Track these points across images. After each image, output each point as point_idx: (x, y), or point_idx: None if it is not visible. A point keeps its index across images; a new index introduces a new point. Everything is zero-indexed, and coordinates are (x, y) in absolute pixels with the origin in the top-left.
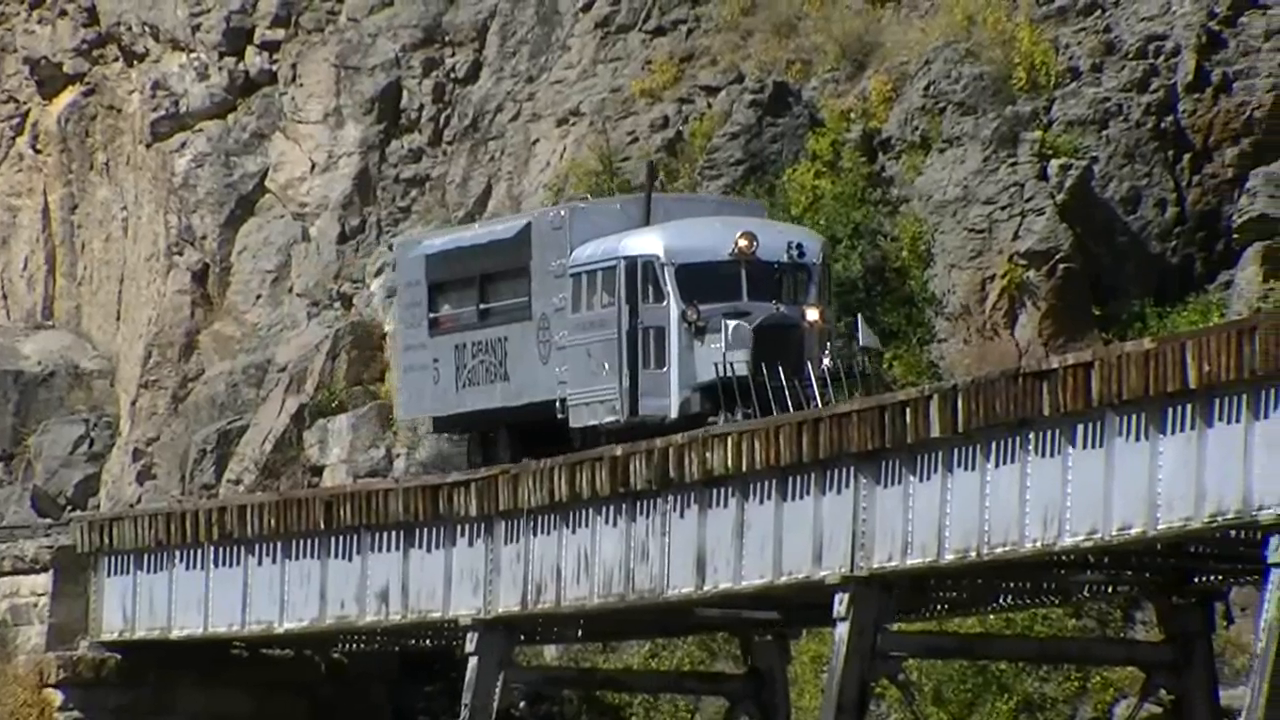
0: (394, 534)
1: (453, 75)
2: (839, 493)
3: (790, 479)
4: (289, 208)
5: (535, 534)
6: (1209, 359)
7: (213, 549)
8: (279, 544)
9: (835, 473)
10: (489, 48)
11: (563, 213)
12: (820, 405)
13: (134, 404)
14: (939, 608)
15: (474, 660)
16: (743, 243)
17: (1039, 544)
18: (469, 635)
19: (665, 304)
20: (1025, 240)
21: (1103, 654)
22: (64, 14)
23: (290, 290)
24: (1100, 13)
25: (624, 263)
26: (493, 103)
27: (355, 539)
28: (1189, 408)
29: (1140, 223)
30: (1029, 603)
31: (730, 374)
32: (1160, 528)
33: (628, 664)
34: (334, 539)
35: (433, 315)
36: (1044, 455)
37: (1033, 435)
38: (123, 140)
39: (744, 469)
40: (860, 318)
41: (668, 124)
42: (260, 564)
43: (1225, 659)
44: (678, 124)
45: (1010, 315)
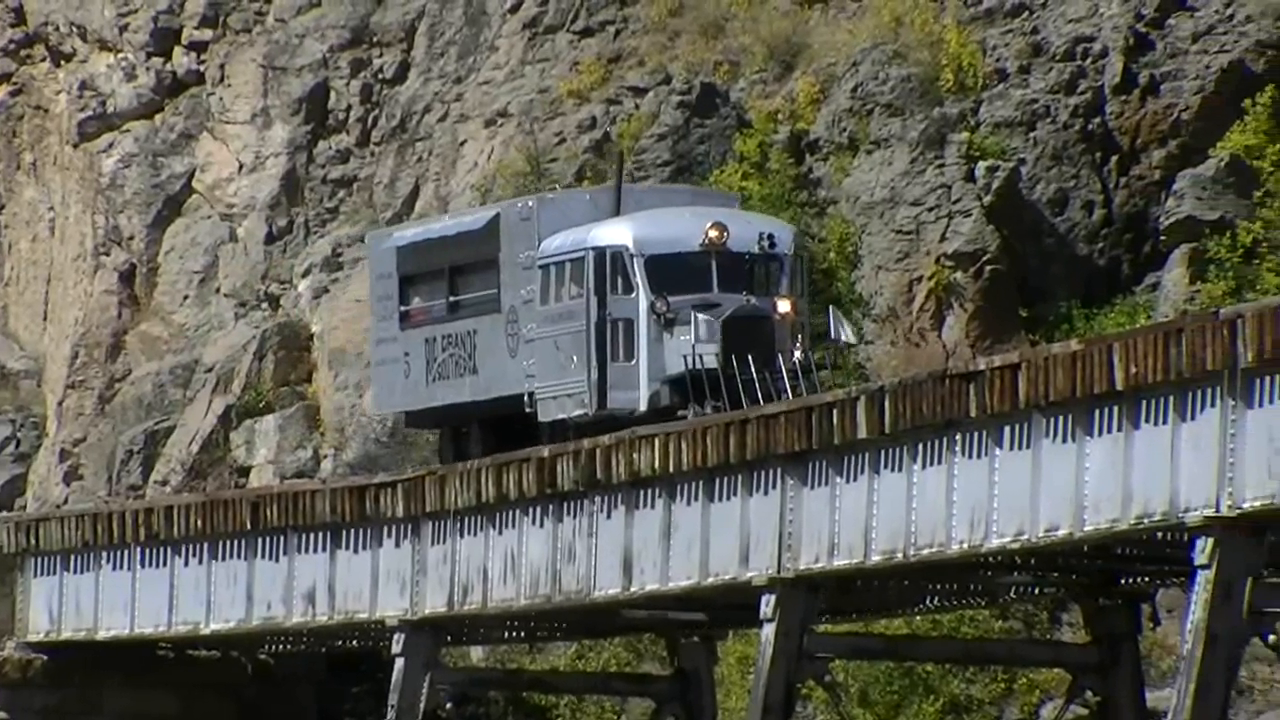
0: (321, 535)
1: (380, 76)
2: (766, 494)
3: (717, 480)
4: (216, 208)
5: (462, 535)
6: (1136, 361)
7: (139, 550)
8: (205, 545)
9: (762, 474)
10: (417, 49)
11: (531, 203)
12: (791, 397)
13: (61, 404)
14: (865, 609)
15: (400, 661)
16: (713, 233)
17: (966, 545)
18: (395, 636)
19: (634, 295)
20: (952, 242)
21: (1029, 655)
22: None
23: (217, 291)
24: (1028, 15)
25: (592, 254)
26: (420, 103)
27: (282, 540)
28: (1116, 409)
29: (1067, 224)
30: (955, 604)
31: (700, 366)
32: (1087, 529)
33: (554, 665)
34: (261, 540)
35: (404, 308)
36: (971, 457)
37: (960, 437)
38: (50, 140)
39: (671, 470)
40: (833, 310)
41: (595, 125)
42: (187, 565)
43: (1151, 661)
44: (605, 125)
45: (937, 317)
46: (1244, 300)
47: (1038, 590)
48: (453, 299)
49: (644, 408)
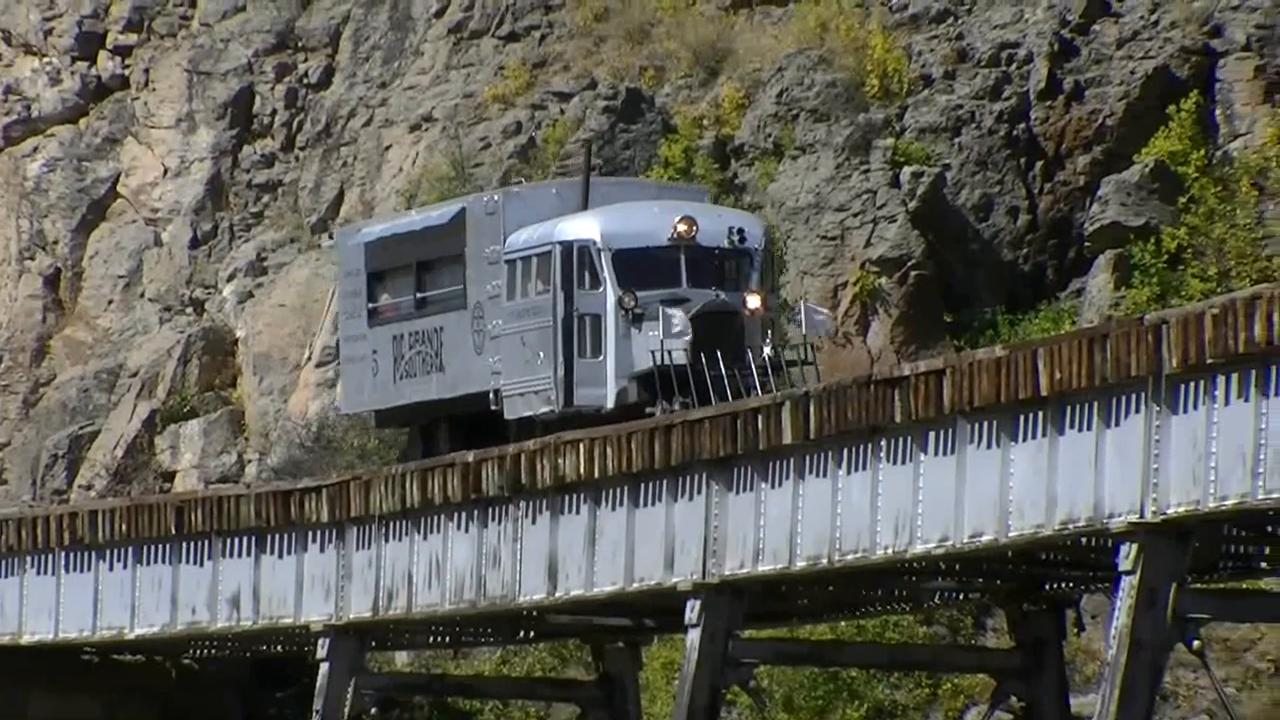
0: (246, 540)
1: (305, 81)
2: (691, 499)
3: (642, 485)
4: (141, 213)
5: (387, 540)
6: (1060, 367)
7: (64, 554)
8: (130, 549)
9: (687, 479)
10: (342, 53)
11: (496, 197)
12: (761, 394)
13: None
14: (790, 614)
15: (325, 666)
16: (682, 227)
17: (891, 551)
18: (320, 641)
19: (602, 290)
20: (877, 247)
21: (954, 661)
22: None
23: (142, 295)
24: (953, 20)
25: (559, 248)
26: (345, 108)
27: (207, 545)
28: (1040, 415)
29: (992, 230)
30: (880, 610)
31: (668, 362)
32: (1011, 535)
33: (479, 670)
34: (186, 545)
35: (371, 305)
36: (896, 462)
37: (885, 442)
38: None
39: (596, 475)
40: (804, 302)
41: (520, 130)
42: (112, 569)
43: (1076, 666)
44: (530, 130)
45: (863, 322)
46: (1169, 306)
47: (963, 595)
48: (420, 295)
49: (611, 404)
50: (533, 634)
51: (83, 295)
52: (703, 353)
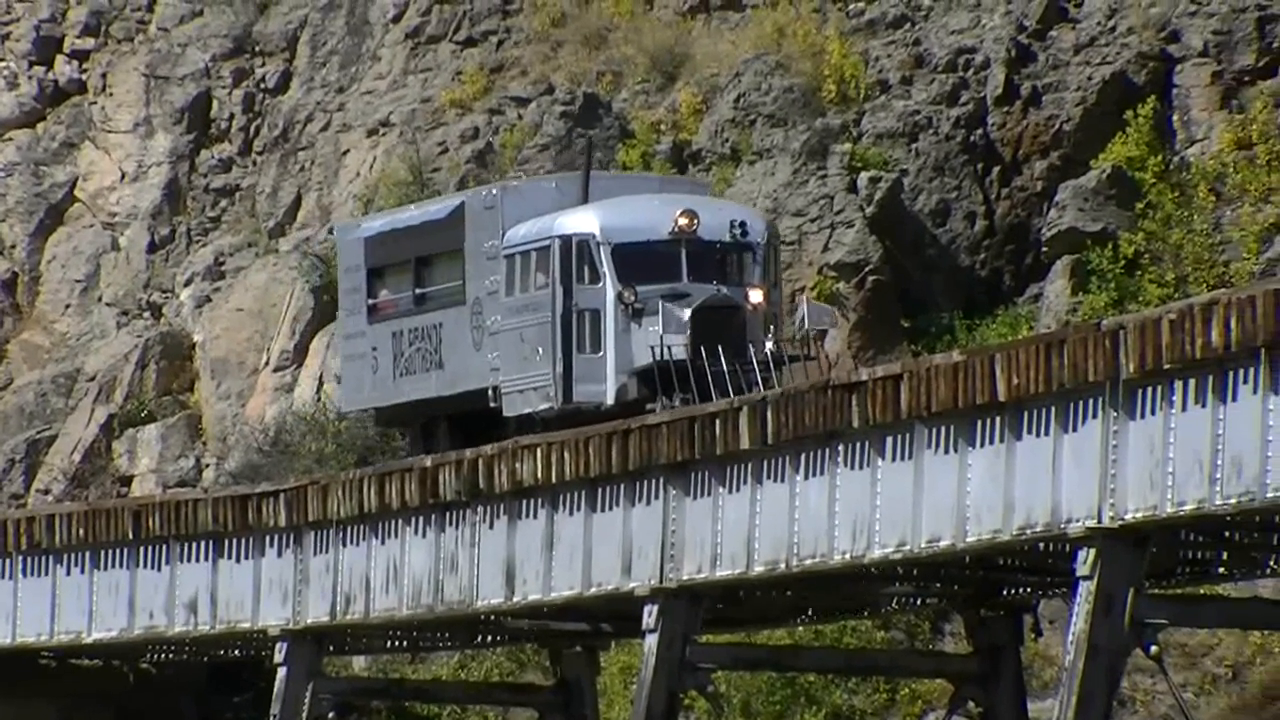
0: (203, 544)
1: (263, 85)
2: (648, 504)
3: (600, 490)
4: (98, 217)
5: (344, 545)
6: (1018, 372)
7: (21, 559)
8: (88, 554)
9: (645, 484)
10: (299, 58)
11: (495, 191)
12: (763, 389)
13: None
14: (748, 619)
15: (283, 670)
16: (683, 221)
17: (848, 556)
18: (278, 645)
19: (601, 285)
20: (835, 252)
21: (911, 666)
22: None
23: (100, 300)
24: (910, 26)
25: (558, 242)
26: (303, 113)
27: (164, 549)
28: (998, 420)
29: (949, 235)
30: (838, 615)
31: (668, 358)
32: (969, 540)
33: (437, 675)
34: (143, 549)
35: (371, 301)
36: (853, 467)
37: (842, 447)
38: None
39: (553, 480)
40: (806, 298)
41: (478, 135)
42: (69, 574)
43: (1033, 671)
44: (488, 135)
45: None
46: (1126, 312)
47: (920, 601)
48: (419, 291)
49: (611, 401)
50: (490, 639)
51: (40, 299)
52: (704, 348)
